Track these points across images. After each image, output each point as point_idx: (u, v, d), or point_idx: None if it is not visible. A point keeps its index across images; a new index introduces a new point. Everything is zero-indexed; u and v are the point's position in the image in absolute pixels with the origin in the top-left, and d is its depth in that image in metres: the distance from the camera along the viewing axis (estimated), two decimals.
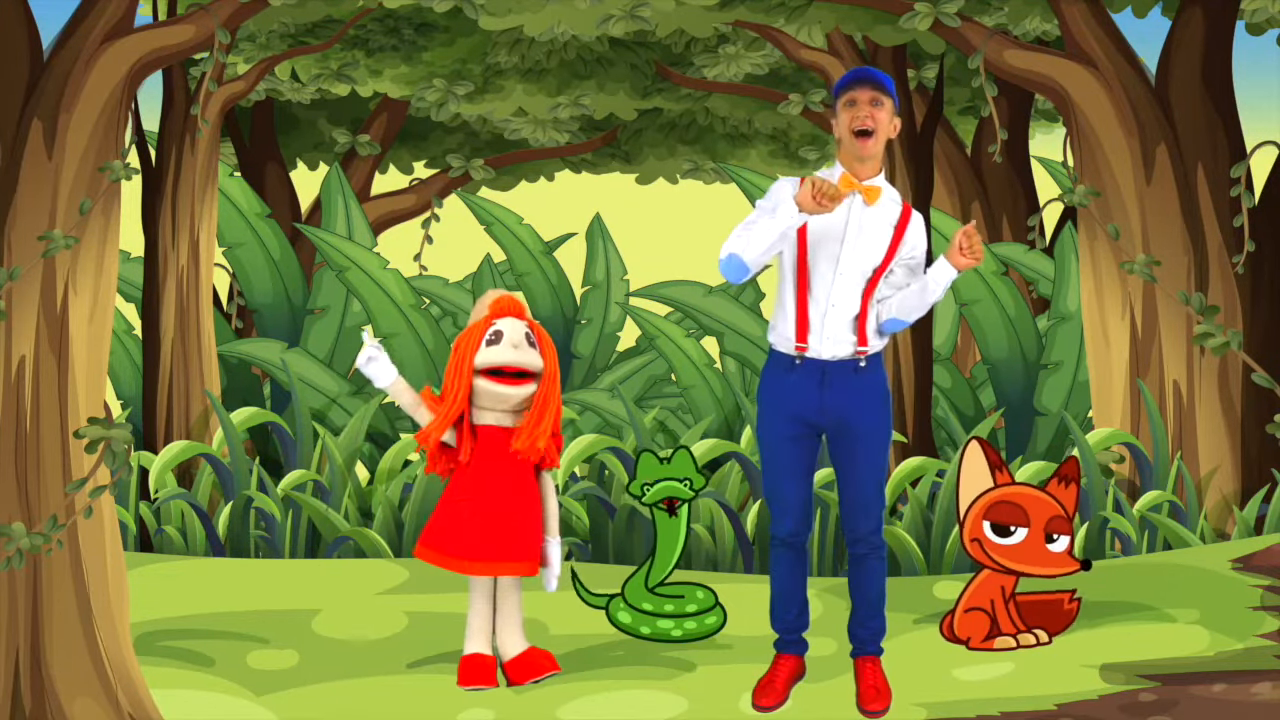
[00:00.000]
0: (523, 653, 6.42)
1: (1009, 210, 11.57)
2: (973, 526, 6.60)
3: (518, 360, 6.31)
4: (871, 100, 5.97)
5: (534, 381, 6.35)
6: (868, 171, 6.04)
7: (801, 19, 9.01)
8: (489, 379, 6.32)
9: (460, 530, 6.33)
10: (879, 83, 5.99)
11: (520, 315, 6.39)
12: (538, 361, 6.35)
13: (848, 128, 5.97)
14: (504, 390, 6.33)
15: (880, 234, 6.06)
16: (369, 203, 11.65)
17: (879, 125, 5.97)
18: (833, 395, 6.07)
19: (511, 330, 6.35)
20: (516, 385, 6.33)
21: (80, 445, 6.33)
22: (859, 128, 5.95)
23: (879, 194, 6.03)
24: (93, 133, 6.76)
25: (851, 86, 5.99)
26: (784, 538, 6.22)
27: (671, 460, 6.74)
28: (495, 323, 6.35)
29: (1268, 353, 8.28)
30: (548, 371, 6.36)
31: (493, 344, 6.33)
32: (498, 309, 6.38)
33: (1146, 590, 6.97)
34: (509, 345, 6.32)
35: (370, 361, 6.38)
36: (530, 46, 10.88)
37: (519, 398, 6.35)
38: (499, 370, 6.31)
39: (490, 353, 6.32)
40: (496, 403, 6.35)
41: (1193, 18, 8.35)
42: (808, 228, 6.01)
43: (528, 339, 6.35)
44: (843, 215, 6.02)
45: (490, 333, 6.34)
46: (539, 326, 6.42)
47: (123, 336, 9.92)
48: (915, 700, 6.21)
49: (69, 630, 6.28)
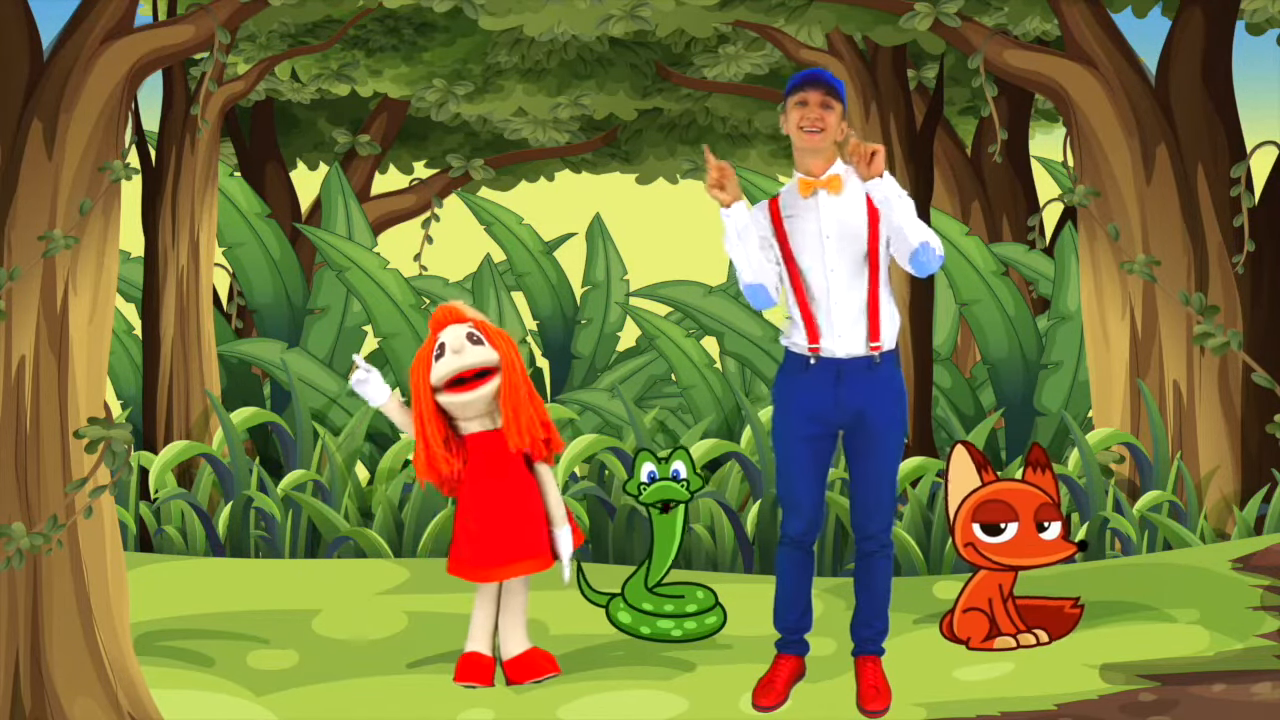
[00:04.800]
0: (523, 653, 6.43)
1: (1009, 210, 11.57)
2: (963, 531, 6.60)
3: (464, 364, 6.30)
4: (822, 103, 6.01)
5: (492, 377, 6.34)
6: (822, 165, 6.06)
7: (801, 19, 9.01)
8: (450, 391, 6.32)
9: (474, 541, 6.34)
10: (831, 86, 6.03)
11: (459, 319, 6.37)
12: (489, 355, 6.34)
13: (796, 125, 6.01)
14: (467, 397, 6.32)
15: (855, 216, 6.06)
16: (369, 203, 11.65)
17: (828, 127, 6.01)
18: (848, 392, 6.08)
19: (452, 338, 6.33)
20: (478, 387, 6.33)
21: (80, 445, 6.33)
22: (808, 128, 5.99)
23: (840, 181, 6.06)
24: (93, 133, 6.76)
25: (803, 87, 6.03)
26: (794, 538, 6.22)
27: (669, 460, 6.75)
28: (438, 338, 6.36)
29: (1268, 353, 8.28)
30: (504, 361, 6.34)
31: (439, 358, 6.33)
32: (435, 323, 6.39)
33: (1146, 590, 6.97)
34: (451, 353, 6.32)
35: (361, 384, 6.40)
36: (530, 46, 10.88)
37: (486, 398, 6.34)
38: (457, 380, 6.32)
39: (438, 368, 6.32)
40: (469, 410, 6.35)
41: (1193, 18, 8.35)
42: (788, 237, 6.07)
43: (470, 338, 6.33)
44: (814, 214, 6.05)
45: (436, 349, 6.34)
46: (483, 322, 6.40)
47: (123, 336, 9.92)
48: (915, 700, 6.21)
49: (69, 630, 6.28)
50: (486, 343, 6.34)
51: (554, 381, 10.39)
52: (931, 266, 6.03)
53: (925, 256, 6.00)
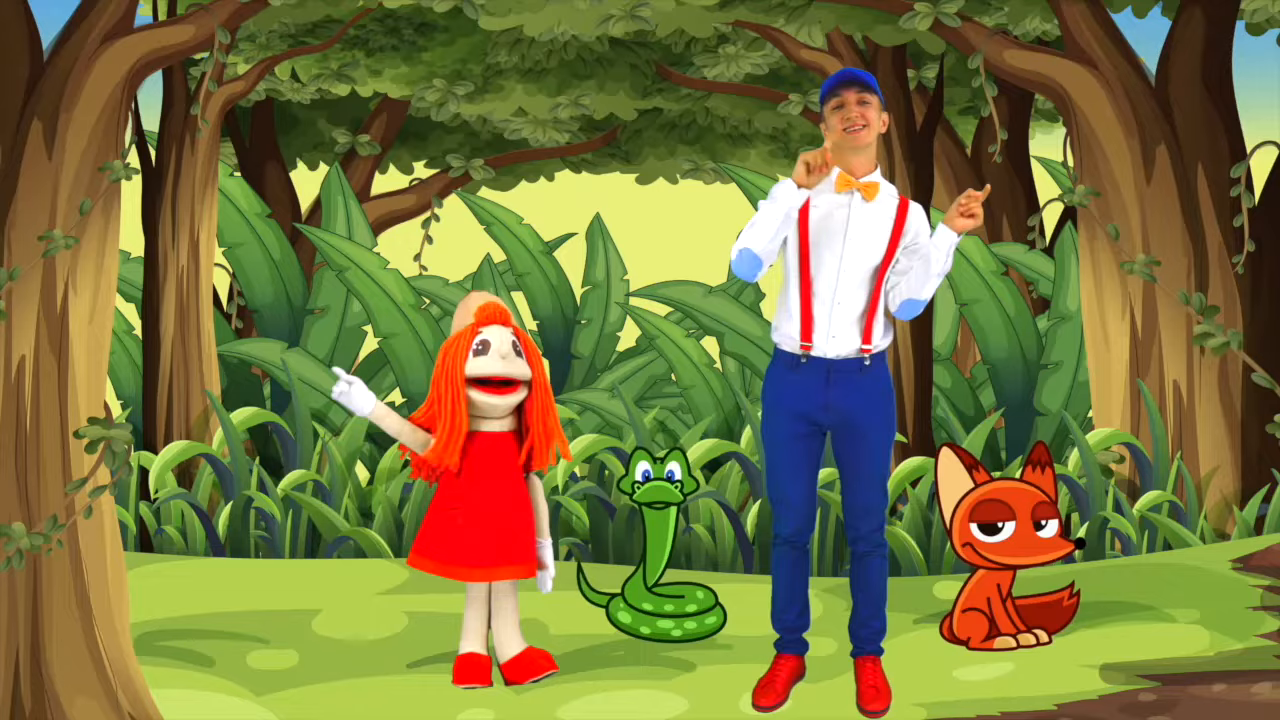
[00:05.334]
0: (520, 653, 6.42)
1: (1009, 210, 11.57)
2: (961, 531, 6.60)
3: (507, 372, 6.30)
4: (859, 100, 6.02)
5: (521, 387, 6.34)
6: (864, 168, 6.07)
7: (801, 19, 9.01)
8: (477, 389, 6.31)
9: (456, 537, 6.32)
10: (864, 82, 6.05)
11: (506, 323, 6.35)
12: (526, 371, 6.34)
13: (840, 129, 6.02)
14: (494, 400, 6.31)
15: (880, 229, 6.08)
16: (369, 203, 11.65)
17: (870, 122, 6.03)
18: (837, 393, 6.09)
19: (499, 340, 6.31)
20: (504, 394, 6.32)
21: (80, 445, 6.33)
22: (851, 128, 6.00)
23: (877, 189, 6.06)
24: (93, 133, 6.76)
25: (837, 90, 6.04)
26: (787, 537, 6.22)
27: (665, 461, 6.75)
28: (481, 331, 6.33)
29: (1268, 353, 8.28)
30: (537, 381, 6.35)
31: (480, 354, 6.30)
32: (484, 317, 6.34)
33: (1146, 590, 6.97)
34: (497, 356, 6.29)
35: (343, 395, 6.32)
36: (530, 46, 10.87)
37: (508, 406, 6.34)
38: (487, 380, 6.31)
39: (479, 364, 6.29)
40: (486, 412, 6.35)
41: (1193, 18, 8.35)
42: (809, 226, 6.04)
43: (515, 348, 6.33)
44: (843, 212, 6.05)
45: (477, 342, 6.31)
46: (524, 334, 6.40)
47: (123, 336, 9.92)
48: (915, 700, 6.21)
49: (69, 630, 6.28)
50: (524, 357, 6.35)
51: (554, 381, 10.39)
52: (910, 316, 6.17)
53: (916, 309, 6.14)
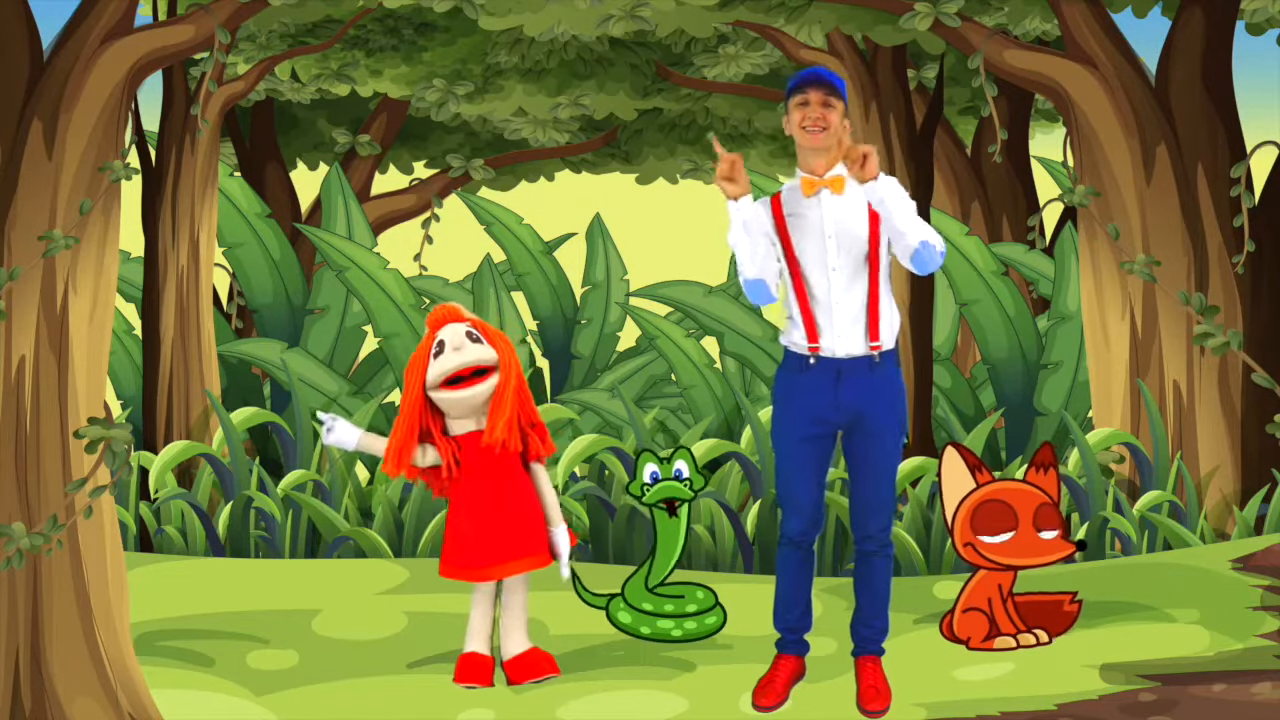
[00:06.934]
0: (523, 653, 6.42)
1: (1009, 210, 11.58)
2: (963, 531, 6.60)
3: (463, 361, 6.32)
4: (823, 102, 6.00)
5: (492, 373, 6.36)
6: (825, 167, 6.06)
7: (801, 19, 9.01)
8: (447, 389, 6.33)
9: (469, 540, 6.34)
10: (831, 85, 6.03)
11: (458, 319, 6.40)
12: (488, 353, 6.35)
13: (799, 125, 6.02)
14: (463, 394, 6.33)
15: (857, 215, 6.06)
16: (369, 203, 11.66)
17: (830, 126, 6.01)
18: (848, 392, 6.08)
19: (451, 335, 6.35)
20: (475, 385, 6.34)
21: (80, 445, 6.32)
22: (810, 128, 6.00)
23: (843, 181, 6.05)
24: (93, 133, 6.76)
25: (804, 87, 6.03)
26: (793, 537, 6.22)
27: (671, 460, 6.75)
28: (437, 336, 6.37)
29: (1268, 353, 8.28)
30: (502, 360, 6.36)
31: (437, 355, 6.34)
32: (434, 321, 6.40)
33: (1146, 590, 6.97)
34: (451, 350, 6.33)
35: (330, 435, 6.41)
36: (530, 46, 10.88)
37: (482, 396, 6.35)
38: (454, 378, 6.32)
39: (438, 364, 6.33)
40: (464, 409, 6.36)
41: (1193, 18, 8.35)
42: (789, 235, 6.06)
43: (469, 336, 6.35)
44: (817, 212, 6.05)
45: (434, 346, 6.36)
46: (481, 322, 6.43)
47: (123, 336, 9.92)
48: (915, 700, 6.21)
49: (69, 630, 6.28)
50: (485, 341, 6.36)
51: (554, 381, 10.39)
52: (933, 265, 6.03)
53: (926, 255, 6.00)
